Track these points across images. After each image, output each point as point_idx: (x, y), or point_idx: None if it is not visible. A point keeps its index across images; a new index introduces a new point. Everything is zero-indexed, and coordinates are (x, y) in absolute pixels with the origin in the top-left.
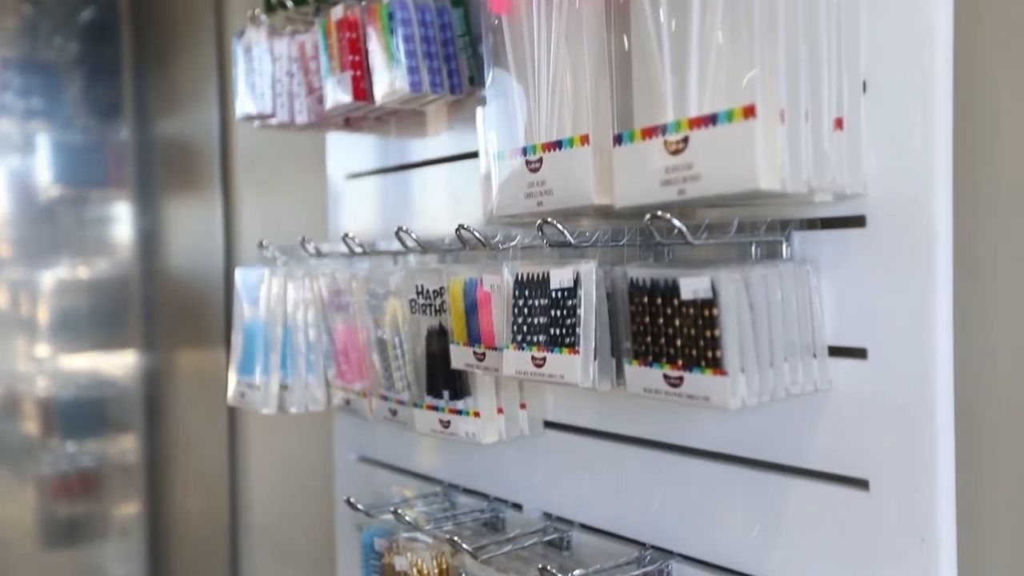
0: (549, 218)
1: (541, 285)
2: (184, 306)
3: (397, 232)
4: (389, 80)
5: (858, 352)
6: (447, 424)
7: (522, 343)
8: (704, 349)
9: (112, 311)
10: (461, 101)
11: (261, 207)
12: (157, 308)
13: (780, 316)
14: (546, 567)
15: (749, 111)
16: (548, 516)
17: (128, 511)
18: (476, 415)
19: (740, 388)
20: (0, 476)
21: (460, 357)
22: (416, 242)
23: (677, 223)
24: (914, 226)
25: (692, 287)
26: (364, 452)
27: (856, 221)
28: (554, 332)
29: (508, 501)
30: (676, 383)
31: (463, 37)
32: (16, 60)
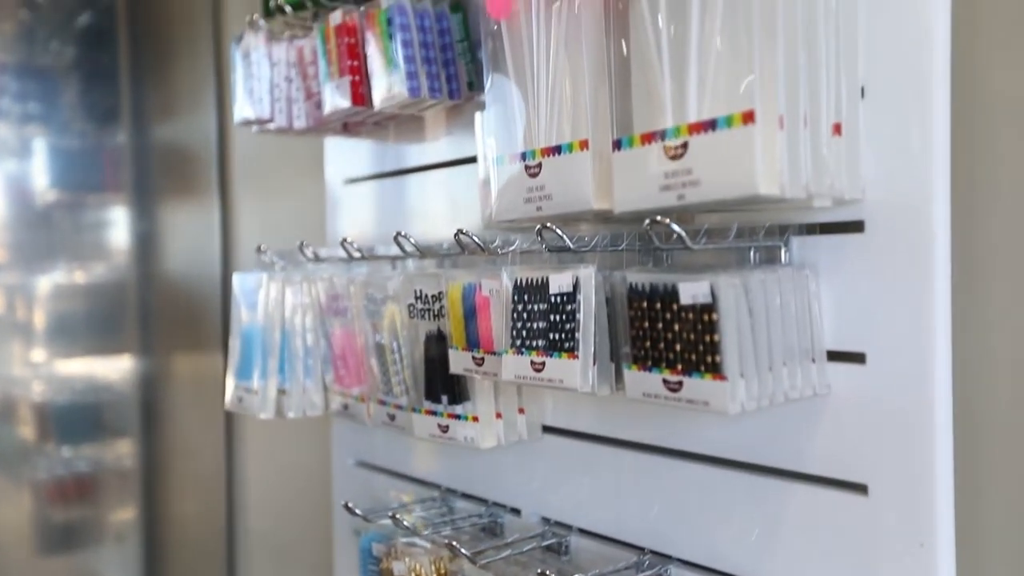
0: (548, 223)
1: (540, 290)
2: (181, 311)
3: (396, 237)
4: (388, 85)
5: (857, 357)
6: (445, 429)
7: (521, 348)
8: (703, 354)
9: (109, 316)
10: (459, 106)
11: (259, 212)
12: (154, 313)
13: (779, 321)
14: (545, 572)
15: (748, 117)
16: (547, 521)
17: (124, 516)
18: (474, 420)
19: (739, 393)
20: None
21: (459, 362)
22: (415, 247)
23: (676, 228)
24: (912, 231)
25: (691, 292)
26: (362, 457)
27: (854, 226)
28: (553, 337)
29: (506, 506)
30: (675, 388)
31: (462, 42)
32: (13, 65)
